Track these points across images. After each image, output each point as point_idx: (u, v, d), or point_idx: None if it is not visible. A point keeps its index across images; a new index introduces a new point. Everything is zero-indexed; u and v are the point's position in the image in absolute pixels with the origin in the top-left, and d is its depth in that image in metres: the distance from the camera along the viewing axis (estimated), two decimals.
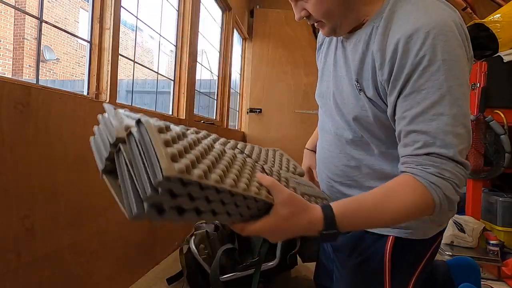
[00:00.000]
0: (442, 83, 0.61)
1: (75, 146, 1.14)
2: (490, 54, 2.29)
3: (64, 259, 1.12)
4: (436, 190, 0.59)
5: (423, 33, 0.61)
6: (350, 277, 0.87)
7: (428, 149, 0.61)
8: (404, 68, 0.63)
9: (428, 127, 0.61)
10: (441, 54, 0.60)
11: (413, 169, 0.62)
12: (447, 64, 0.60)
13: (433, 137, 0.61)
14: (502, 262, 1.82)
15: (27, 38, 7.88)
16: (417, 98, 0.62)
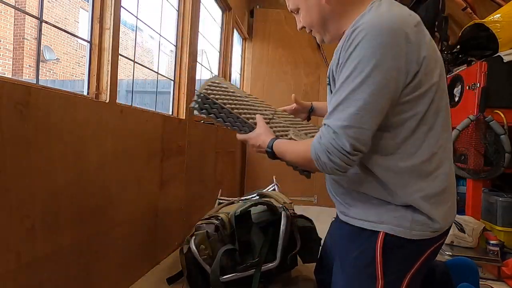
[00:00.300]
0: (352, 71, 0.77)
1: (75, 146, 1.14)
2: (490, 54, 2.29)
3: (64, 259, 1.12)
4: (312, 148, 0.83)
5: (358, 29, 0.78)
6: (347, 271, 0.93)
7: (325, 120, 0.83)
8: (339, 58, 0.83)
9: (334, 102, 0.81)
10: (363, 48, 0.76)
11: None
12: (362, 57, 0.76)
13: (331, 111, 0.81)
14: (502, 262, 1.82)
15: (27, 38, 7.88)
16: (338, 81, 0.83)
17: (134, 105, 1.63)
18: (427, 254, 0.90)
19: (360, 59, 0.75)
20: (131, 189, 1.49)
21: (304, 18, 0.97)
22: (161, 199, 1.78)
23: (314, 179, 1.35)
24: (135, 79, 2.86)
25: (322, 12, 0.93)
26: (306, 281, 1.61)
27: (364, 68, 0.75)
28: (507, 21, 2.24)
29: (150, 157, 1.66)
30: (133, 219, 1.53)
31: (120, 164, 1.40)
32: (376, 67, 0.75)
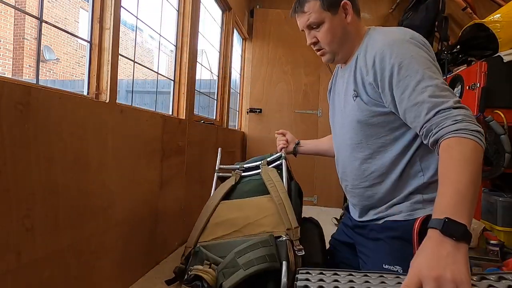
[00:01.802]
0: (418, 68, 0.84)
1: (75, 146, 1.14)
2: (490, 54, 2.29)
3: (64, 259, 1.12)
4: (465, 132, 0.72)
5: (390, 47, 0.89)
6: (383, 248, 0.98)
7: (434, 110, 0.79)
8: (386, 70, 0.89)
9: (423, 97, 0.81)
10: (407, 54, 0.87)
11: (437, 133, 0.78)
12: (414, 59, 0.86)
13: (431, 101, 0.80)
14: (502, 262, 1.82)
15: (27, 38, 7.87)
16: (405, 83, 0.85)
17: (134, 105, 1.63)
18: None
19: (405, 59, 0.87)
20: (131, 189, 1.49)
21: (325, 35, 1.01)
22: (161, 199, 1.78)
23: (314, 179, 1.35)
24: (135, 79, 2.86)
25: (344, 31, 1.01)
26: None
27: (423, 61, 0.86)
28: (507, 21, 2.24)
29: (150, 157, 1.66)
30: (133, 219, 1.53)
31: (120, 164, 1.40)
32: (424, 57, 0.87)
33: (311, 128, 3.53)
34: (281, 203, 1.18)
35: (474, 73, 2.22)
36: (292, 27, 3.53)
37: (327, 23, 1.00)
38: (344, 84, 1.06)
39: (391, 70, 0.87)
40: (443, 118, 0.77)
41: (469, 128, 0.73)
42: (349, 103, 1.02)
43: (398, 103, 0.88)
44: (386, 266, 0.94)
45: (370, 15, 3.61)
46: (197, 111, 2.41)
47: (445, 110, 0.78)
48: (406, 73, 0.85)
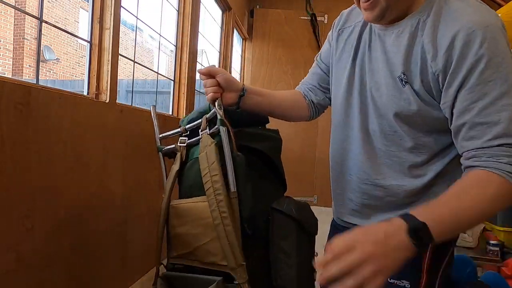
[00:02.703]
0: (508, 76, 0.62)
1: (75, 146, 1.14)
2: None
3: (64, 259, 1.12)
4: (505, 179, 0.59)
5: (483, 29, 0.62)
6: None
7: (500, 140, 0.61)
8: (465, 61, 0.63)
9: (499, 118, 0.61)
10: (502, 50, 0.62)
11: (485, 161, 0.61)
12: (507, 60, 0.62)
13: (505, 128, 0.61)
14: (502, 262, 1.82)
15: (27, 38, 7.87)
16: (484, 89, 0.62)
17: (134, 105, 1.63)
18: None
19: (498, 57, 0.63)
20: (131, 189, 1.49)
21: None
22: (161, 199, 1.78)
23: (314, 179, 1.33)
24: (135, 79, 2.86)
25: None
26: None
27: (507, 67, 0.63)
28: (507, 21, 2.23)
29: (150, 157, 1.66)
30: (133, 219, 1.53)
31: (120, 164, 1.40)
32: None
33: (311, 127, 3.53)
34: (220, 224, 0.86)
35: None
36: (292, 27, 3.53)
37: None
38: (387, 55, 0.75)
39: (475, 64, 0.62)
40: (503, 153, 0.61)
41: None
42: (392, 87, 0.73)
43: (460, 111, 0.65)
44: (392, 280, 0.83)
45: None
46: None
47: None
48: (492, 77, 0.62)
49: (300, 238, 0.92)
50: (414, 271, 0.80)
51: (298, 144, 3.48)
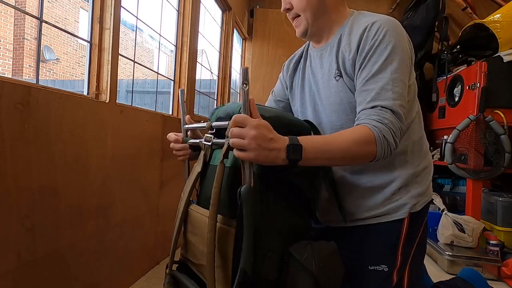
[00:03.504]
0: (387, 56, 0.83)
1: (75, 146, 1.14)
2: (490, 54, 2.29)
3: (64, 259, 1.12)
4: (376, 130, 0.78)
5: (377, 23, 0.87)
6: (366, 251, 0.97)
7: (373, 103, 0.82)
8: (364, 49, 0.86)
9: (374, 86, 0.83)
10: (389, 36, 0.85)
11: (362, 120, 0.82)
12: (393, 44, 0.84)
13: (377, 93, 0.82)
14: (502, 262, 1.82)
15: (27, 38, 7.87)
16: (368, 67, 0.85)
17: (134, 105, 1.63)
18: (424, 222, 1.02)
19: (392, 47, 0.84)
20: (131, 189, 1.49)
21: (300, 0, 0.96)
22: (161, 199, 1.78)
23: None
24: (135, 79, 2.86)
25: (320, 2, 0.95)
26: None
27: (397, 55, 0.84)
28: (507, 21, 2.24)
29: (150, 157, 1.66)
30: (133, 219, 1.53)
31: (120, 164, 1.40)
32: (405, 54, 0.86)
33: None
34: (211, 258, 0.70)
35: (474, 73, 2.22)
36: (292, 27, 3.52)
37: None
38: (324, 65, 0.98)
39: (374, 43, 0.85)
40: (374, 113, 0.81)
41: (384, 133, 0.78)
42: (332, 84, 0.95)
43: (357, 78, 0.87)
44: (372, 267, 0.95)
45: None
46: (197, 111, 2.41)
47: (383, 109, 0.81)
48: (378, 58, 0.84)
49: None
50: (390, 256, 0.95)
51: None
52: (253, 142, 0.66)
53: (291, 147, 0.70)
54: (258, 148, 0.67)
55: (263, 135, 0.67)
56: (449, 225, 2.03)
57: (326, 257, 0.76)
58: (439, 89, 2.73)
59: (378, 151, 0.78)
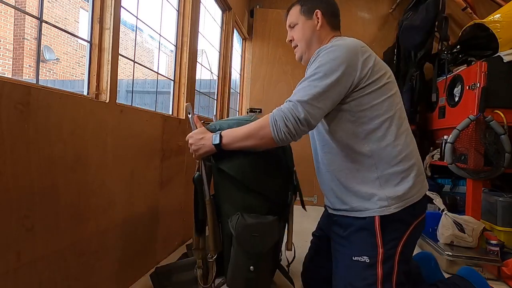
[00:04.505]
0: (316, 72, 1.04)
1: (75, 146, 1.14)
2: (490, 54, 2.28)
3: (64, 259, 1.12)
4: (271, 115, 1.04)
5: (321, 50, 1.09)
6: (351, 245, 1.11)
7: (288, 99, 1.05)
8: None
9: (297, 90, 1.05)
10: (325, 60, 1.04)
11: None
12: (320, 64, 1.04)
13: (294, 94, 1.05)
14: (502, 262, 1.82)
15: (27, 38, 7.87)
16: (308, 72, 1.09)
17: (134, 105, 1.63)
18: (412, 226, 1.11)
19: (323, 63, 1.04)
20: (131, 189, 1.49)
21: (297, 33, 1.25)
22: (161, 199, 1.78)
23: (314, 179, 1.35)
24: (135, 79, 2.85)
25: (312, 34, 1.23)
26: None
27: (324, 68, 1.03)
28: (507, 21, 2.24)
29: (150, 157, 1.66)
30: (133, 219, 1.53)
31: (120, 164, 1.40)
32: (333, 70, 1.03)
33: None
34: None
35: (474, 73, 2.22)
36: None
37: (300, 25, 1.25)
38: None
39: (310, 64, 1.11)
40: (284, 105, 1.04)
41: (276, 118, 1.02)
42: None
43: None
44: (356, 258, 1.07)
45: (370, 15, 3.61)
46: (197, 111, 2.41)
47: (289, 102, 1.03)
48: (309, 73, 1.07)
49: (237, 253, 1.18)
50: (371, 247, 1.06)
51: (298, 143, 3.47)
52: (192, 143, 1.19)
53: (213, 137, 1.13)
54: (195, 145, 1.18)
55: (195, 138, 1.19)
56: (449, 225, 2.03)
57: (249, 224, 1.14)
58: (439, 89, 2.73)
59: (272, 132, 1.03)
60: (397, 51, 3.19)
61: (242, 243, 1.15)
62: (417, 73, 3.00)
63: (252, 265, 1.16)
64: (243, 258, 1.17)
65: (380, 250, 1.05)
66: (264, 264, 1.21)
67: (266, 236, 1.16)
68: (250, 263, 1.16)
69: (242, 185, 1.21)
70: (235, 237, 1.16)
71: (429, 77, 3.03)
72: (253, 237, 1.14)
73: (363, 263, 1.06)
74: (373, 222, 1.06)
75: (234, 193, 1.24)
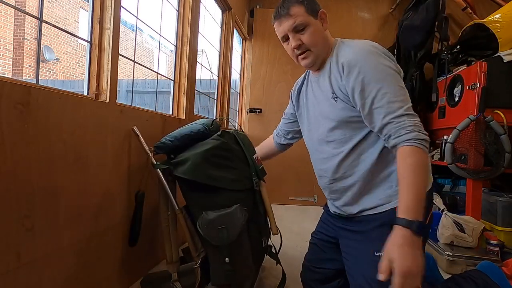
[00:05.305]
0: (379, 78, 0.99)
1: (75, 146, 1.14)
2: (490, 54, 2.28)
3: (64, 259, 1.12)
4: (414, 141, 0.93)
5: (355, 56, 1.04)
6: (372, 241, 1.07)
7: (389, 116, 0.97)
8: (351, 77, 1.03)
9: (382, 102, 0.98)
10: (371, 65, 1.01)
11: (394, 140, 0.96)
12: (375, 66, 1.01)
13: (387, 107, 0.97)
14: (502, 262, 1.82)
15: (27, 38, 7.87)
16: (368, 89, 1.00)
17: (134, 105, 1.63)
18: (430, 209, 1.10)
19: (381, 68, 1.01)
20: (131, 189, 1.49)
21: (311, 36, 1.10)
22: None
23: (314, 179, 1.35)
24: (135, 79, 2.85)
25: (323, 36, 1.14)
26: None
27: (385, 70, 1.00)
28: (507, 21, 2.24)
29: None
30: None
31: (120, 164, 1.40)
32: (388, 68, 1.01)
33: None
34: None
35: (474, 73, 2.22)
36: None
37: (312, 26, 1.10)
38: (321, 89, 1.17)
39: (357, 77, 1.01)
40: (398, 127, 0.95)
41: (418, 137, 0.93)
42: (330, 105, 1.13)
43: (361, 107, 1.02)
44: (378, 253, 1.01)
45: (370, 15, 3.61)
46: (197, 111, 2.41)
47: (399, 118, 0.96)
48: (370, 81, 0.99)
49: (210, 250, 1.30)
50: None
51: (298, 144, 3.47)
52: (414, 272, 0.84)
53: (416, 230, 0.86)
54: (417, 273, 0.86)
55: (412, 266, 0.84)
56: (449, 225, 2.03)
57: (211, 219, 1.24)
58: (439, 89, 2.73)
59: (427, 151, 0.94)
60: (397, 51, 3.19)
61: (211, 238, 1.24)
62: (417, 73, 3.00)
63: (227, 256, 1.26)
64: (216, 252, 1.27)
65: None
66: (238, 254, 1.29)
67: (230, 225, 1.23)
68: (224, 255, 1.26)
69: (199, 184, 1.27)
70: (204, 235, 1.25)
71: (429, 77, 3.03)
72: (220, 230, 1.22)
73: None
74: (393, 215, 0.99)
75: (195, 196, 1.32)
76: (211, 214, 1.25)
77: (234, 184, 1.34)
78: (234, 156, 1.40)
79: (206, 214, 1.25)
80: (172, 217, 1.39)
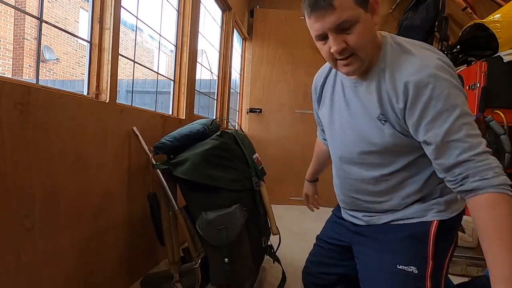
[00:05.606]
0: (456, 102, 0.78)
1: (75, 146, 1.14)
2: (490, 54, 2.28)
3: (64, 259, 1.12)
4: (504, 188, 0.74)
5: (423, 74, 0.79)
6: (396, 253, 0.96)
7: (469, 153, 0.77)
8: (419, 102, 0.80)
9: (459, 135, 0.77)
10: (445, 85, 0.78)
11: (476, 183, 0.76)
12: (452, 90, 0.79)
13: (465, 141, 0.77)
14: None
15: (27, 38, 7.88)
16: (442, 118, 0.78)
17: (134, 105, 1.63)
18: (456, 226, 1.02)
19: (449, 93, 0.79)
20: (131, 189, 1.49)
21: (360, 37, 0.81)
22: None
23: None
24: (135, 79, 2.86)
25: (373, 34, 0.86)
26: None
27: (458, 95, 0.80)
28: (507, 21, 2.24)
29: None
30: (133, 219, 1.53)
31: (120, 164, 1.40)
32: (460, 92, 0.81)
33: (311, 128, 3.52)
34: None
35: (474, 73, 2.22)
36: (292, 27, 3.53)
37: (362, 23, 0.80)
38: (361, 101, 0.92)
39: (427, 104, 0.79)
40: (483, 168, 0.76)
41: (508, 183, 0.75)
42: (375, 127, 0.91)
43: (428, 139, 0.81)
44: (401, 266, 0.94)
45: None
46: (197, 111, 2.41)
47: (480, 155, 0.76)
48: (444, 107, 0.78)
49: (210, 250, 1.31)
50: (420, 258, 0.93)
51: (299, 144, 3.47)
52: None
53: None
54: None
55: None
56: None
57: (210, 220, 1.24)
58: None
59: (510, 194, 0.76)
60: None
61: (211, 239, 1.24)
62: None
63: (226, 257, 1.26)
64: (216, 252, 1.27)
65: (430, 262, 0.93)
66: (238, 254, 1.30)
67: (230, 225, 1.24)
68: (223, 255, 1.26)
69: (198, 184, 1.28)
70: (203, 235, 1.25)
71: None
72: (219, 231, 1.23)
73: (410, 274, 0.93)
74: (427, 229, 0.93)
75: (195, 196, 1.32)
76: (210, 214, 1.25)
77: (234, 184, 1.34)
78: (233, 156, 1.40)
79: (205, 215, 1.26)
80: (173, 217, 1.39)
